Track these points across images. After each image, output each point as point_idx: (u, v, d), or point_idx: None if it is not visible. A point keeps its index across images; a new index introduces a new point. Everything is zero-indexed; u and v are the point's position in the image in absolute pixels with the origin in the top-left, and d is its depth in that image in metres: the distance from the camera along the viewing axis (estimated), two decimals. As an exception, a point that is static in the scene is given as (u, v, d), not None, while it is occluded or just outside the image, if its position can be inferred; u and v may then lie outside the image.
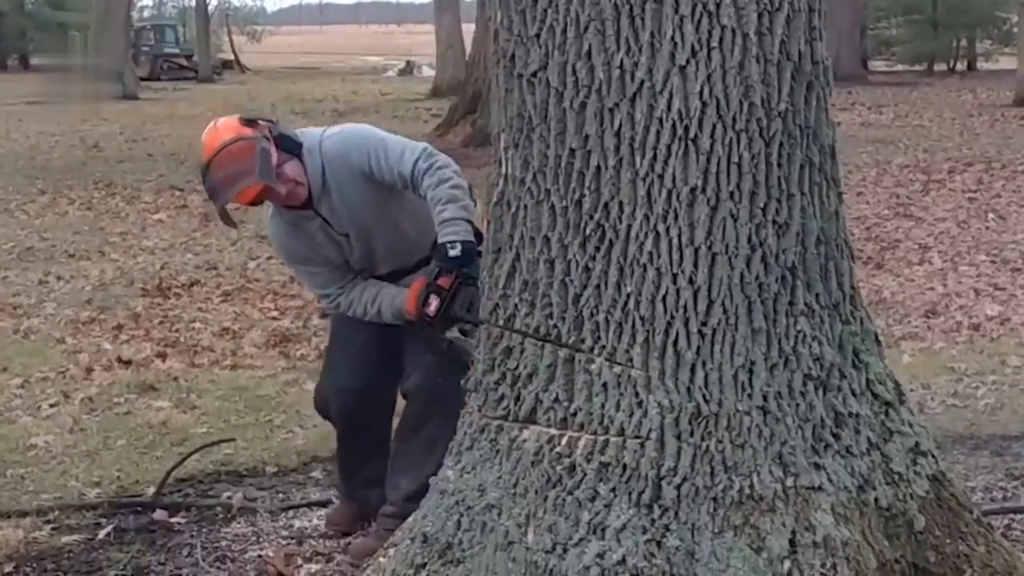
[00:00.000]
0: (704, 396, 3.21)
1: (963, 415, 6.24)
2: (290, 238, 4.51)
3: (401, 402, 4.73)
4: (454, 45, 33.22)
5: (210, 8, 55.93)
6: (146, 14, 68.25)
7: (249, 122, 4.31)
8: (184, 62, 49.23)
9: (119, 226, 13.29)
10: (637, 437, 3.22)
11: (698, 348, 3.22)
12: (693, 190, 3.17)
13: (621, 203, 3.20)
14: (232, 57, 56.76)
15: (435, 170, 4.28)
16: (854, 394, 3.38)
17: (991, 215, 12.47)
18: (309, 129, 4.50)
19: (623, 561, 3.16)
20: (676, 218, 3.18)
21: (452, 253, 4.17)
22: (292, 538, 4.84)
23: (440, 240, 4.21)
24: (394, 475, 4.61)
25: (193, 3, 55.87)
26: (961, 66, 42.49)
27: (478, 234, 4.23)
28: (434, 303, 4.20)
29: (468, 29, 26.98)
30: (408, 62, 51.66)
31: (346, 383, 4.69)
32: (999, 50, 41.88)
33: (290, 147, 4.32)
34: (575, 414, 3.28)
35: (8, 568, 4.60)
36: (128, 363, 7.62)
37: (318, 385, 4.89)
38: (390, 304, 4.44)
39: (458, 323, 4.22)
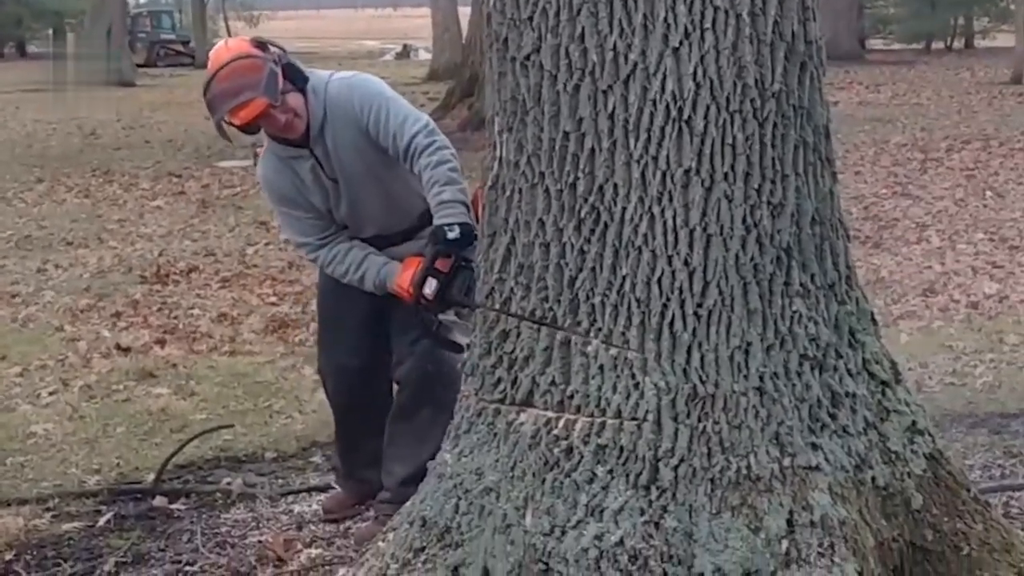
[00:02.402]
0: (700, 377, 3.21)
1: (961, 393, 6.25)
2: (278, 176, 4.45)
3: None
4: (450, 28, 33.13)
5: (206, -6, 55.74)
6: (142, 0, 68.14)
7: (260, 44, 4.27)
8: (181, 48, 49.04)
9: (117, 213, 13.28)
10: (634, 419, 3.22)
11: (694, 329, 3.22)
12: (687, 172, 3.17)
13: (615, 185, 3.20)
14: (229, 43, 56.48)
15: (435, 149, 4.24)
16: (850, 374, 3.38)
17: (989, 193, 12.47)
18: (318, 70, 4.46)
19: (621, 543, 3.17)
20: (671, 200, 3.18)
21: (451, 235, 4.13)
22: (292, 523, 4.85)
23: (438, 222, 4.18)
24: (389, 462, 4.62)
25: (189, -11, 55.70)
26: (959, 44, 42.45)
27: None
28: (432, 285, 4.19)
29: (464, 12, 26.92)
30: (405, 46, 51.48)
31: (346, 362, 4.69)
32: (996, 27, 41.88)
33: (296, 78, 4.28)
34: (572, 397, 3.28)
35: (8, 556, 4.61)
36: (127, 350, 7.63)
37: (318, 359, 4.89)
38: (376, 274, 4.40)
39: (455, 306, 4.22)
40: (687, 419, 3.20)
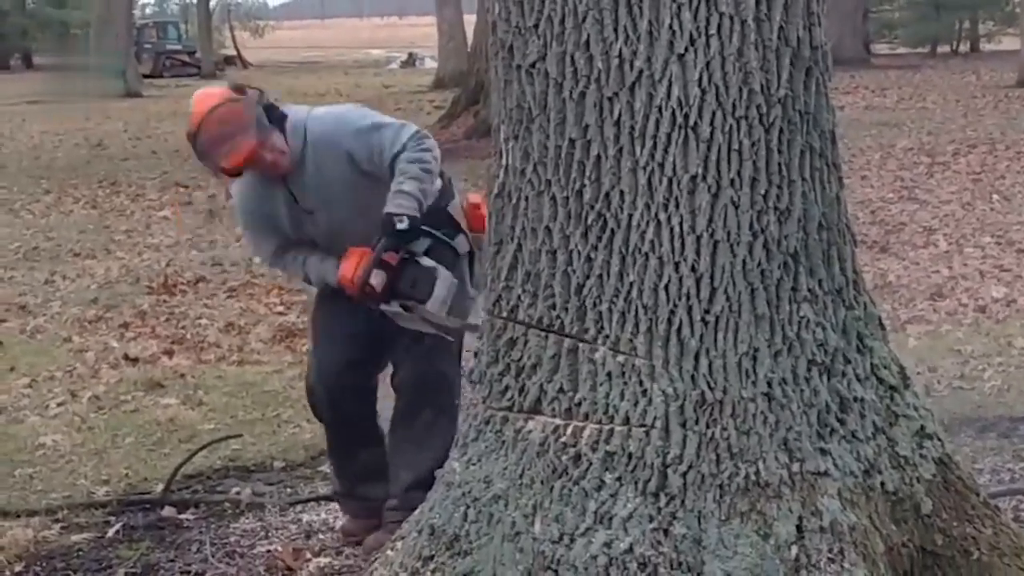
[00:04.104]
0: (708, 383, 3.21)
1: (970, 397, 6.24)
2: (252, 193, 4.55)
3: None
4: (456, 36, 33.15)
5: (212, 4, 55.85)
6: (148, 11, 68.35)
7: (238, 88, 4.37)
8: (187, 58, 49.21)
9: (124, 224, 13.31)
10: (642, 426, 3.21)
11: (701, 336, 3.21)
12: (694, 178, 3.16)
13: (622, 192, 3.20)
14: (235, 53, 56.75)
15: (419, 149, 4.36)
16: (859, 379, 3.37)
17: (996, 196, 12.46)
18: (296, 106, 4.54)
19: (630, 550, 3.17)
20: (677, 206, 3.17)
21: (400, 226, 4.28)
22: (301, 533, 4.85)
23: (389, 209, 4.29)
24: (394, 468, 4.63)
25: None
26: (964, 48, 42.49)
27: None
28: (380, 277, 4.33)
29: (470, 20, 26.95)
30: (410, 54, 51.56)
31: (334, 355, 4.66)
32: (1002, 31, 41.92)
33: (274, 118, 4.36)
34: (580, 404, 3.28)
35: (18, 567, 4.62)
36: (135, 361, 7.63)
37: (307, 376, 4.89)
38: (318, 267, 4.54)
39: (401, 299, 4.32)
40: (695, 425, 3.20)
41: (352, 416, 4.73)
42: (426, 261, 4.43)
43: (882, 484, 3.33)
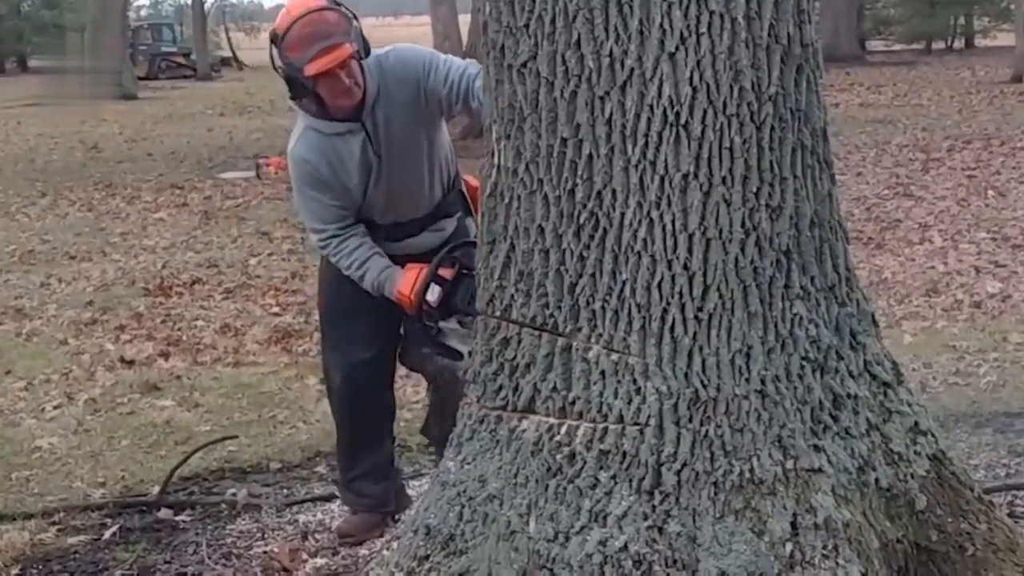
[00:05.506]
0: (702, 381, 3.21)
1: (965, 393, 6.25)
2: (316, 155, 4.31)
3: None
4: (451, 37, 32.99)
5: (207, 6, 55.84)
6: (143, 13, 68.31)
7: (338, 4, 4.25)
8: (182, 60, 49.18)
9: (120, 226, 13.29)
10: (636, 424, 3.22)
11: (695, 334, 3.21)
12: (685, 176, 3.17)
13: (614, 191, 3.20)
14: (230, 54, 56.73)
15: None
16: (852, 375, 3.38)
17: (991, 192, 12.46)
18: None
19: (625, 548, 3.17)
20: (669, 204, 3.18)
21: None
22: (297, 533, 4.85)
23: None
24: None
25: (190, 1, 55.80)
26: (959, 44, 42.57)
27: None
28: (436, 292, 4.23)
29: (464, 20, 26.96)
30: (406, 54, 51.51)
31: (361, 354, 4.59)
32: (997, 27, 41.99)
33: (366, 49, 4.24)
34: (574, 403, 3.28)
35: (15, 570, 4.62)
36: (131, 363, 7.63)
37: (326, 363, 4.81)
38: (376, 275, 4.37)
39: (458, 314, 4.24)
40: (689, 423, 3.20)
41: (370, 405, 4.67)
42: None
43: (876, 480, 3.33)
